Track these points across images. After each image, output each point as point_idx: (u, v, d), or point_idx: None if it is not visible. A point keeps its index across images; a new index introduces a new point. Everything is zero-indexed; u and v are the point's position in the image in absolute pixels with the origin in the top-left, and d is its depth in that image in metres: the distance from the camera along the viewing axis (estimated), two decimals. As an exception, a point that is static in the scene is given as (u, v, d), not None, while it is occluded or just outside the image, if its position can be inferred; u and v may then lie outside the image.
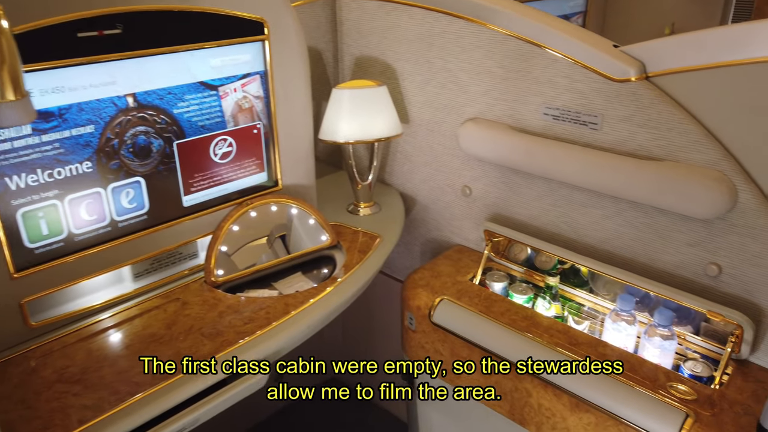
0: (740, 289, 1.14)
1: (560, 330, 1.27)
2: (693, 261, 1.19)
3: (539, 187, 1.41)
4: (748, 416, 1.03)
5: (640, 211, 1.25)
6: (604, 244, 1.33)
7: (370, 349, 2.12)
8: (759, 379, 1.12)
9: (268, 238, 1.39)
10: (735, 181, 1.08)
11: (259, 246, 1.38)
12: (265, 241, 1.39)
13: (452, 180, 1.60)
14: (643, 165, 1.18)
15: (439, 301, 1.39)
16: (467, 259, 1.57)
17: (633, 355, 1.19)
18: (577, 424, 1.18)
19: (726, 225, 1.12)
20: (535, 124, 1.36)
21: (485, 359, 1.31)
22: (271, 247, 1.39)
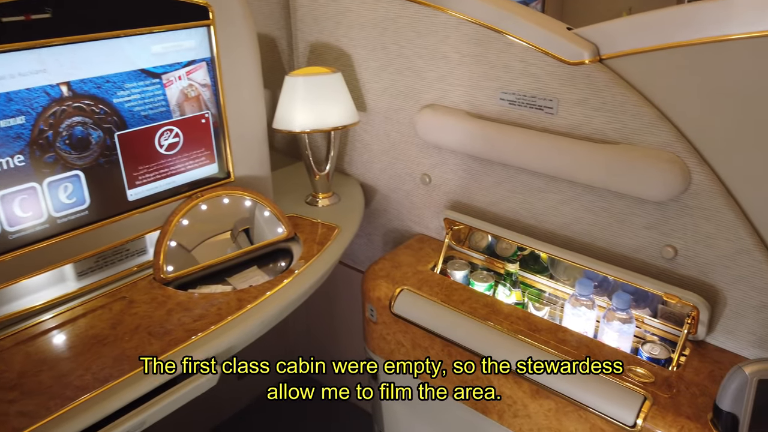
0: (695, 270, 1.15)
1: (520, 317, 1.26)
2: (649, 244, 1.19)
3: (498, 174, 1.39)
4: (704, 397, 1.04)
5: (596, 195, 1.24)
6: (563, 230, 1.32)
7: (335, 343, 2.09)
8: (715, 359, 1.13)
9: (223, 230, 1.35)
10: (688, 162, 1.08)
11: (211, 240, 1.33)
12: (216, 235, 1.34)
13: (411, 168, 1.57)
14: (599, 149, 1.17)
15: (399, 291, 1.37)
16: (428, 248, 1.55)
17: (592, 340, 1.19)
18: (539, 411, 1.17)
19: (680, 207, 1.12)
20: (492, 110, 1.34)
21: (445, 348, 1.29)
22: (226, 241, 1.35)
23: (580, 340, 1.18)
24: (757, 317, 1.10)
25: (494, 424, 1.27)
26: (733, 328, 1.14)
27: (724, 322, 1.14)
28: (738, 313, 1.12)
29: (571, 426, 1.12)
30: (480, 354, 1.22)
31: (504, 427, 1.25)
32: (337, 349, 2.09)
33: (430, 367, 1.35)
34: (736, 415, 0.94)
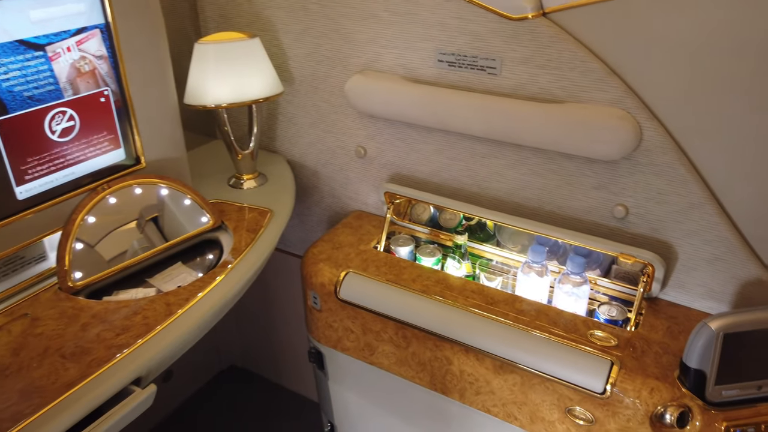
0: (647, 227, 1.13)
1: (474, 290, 1.20)
2: (600, 204, 1.17)
3: (438, 141, 1.31)
4: (668, 355, 1.03)
5: (544, 157, 1.19)
6: (511, 196, 1.27)
7: (271, 335, 1.96)
8: (670, 315, 1.13)
9: (137, 224, 1.17)
10: (638, 118, 1.05)
11: (126, 237, 1.15)
12: (132, 231, 1.17)
13: (344, 141, 1.45)
14: (546, 109, 1.12)
15: (344, 275, 1.27)
16: (368, 225, 1.45)
17: (550, 307, 1.16)
18: (502, 386, 1.13)
19: (631, 165, 1.10)
20: (430, 73, 1.25)
21: (400, 331, 1.21)
22: (141, 236, 1.18)
23: (538, 309, 1.14)
24: (708, 269, 1.10)
25: (455, 403, 1.22)
26: (684, 282, 1.14)
27: (676, 276, 1.14)
28: (689, 267, 1.12)
29: (537, 398, 1.09)
30: (438, 333, 1.16)
31: (466, 406, 1.21)
32: (274, 340, 1.97)
33: (383, 352, 1.27)
34: (703, 370, 0.94)
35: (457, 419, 1.25)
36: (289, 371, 2.01)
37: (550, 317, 1.12)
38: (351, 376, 1.39)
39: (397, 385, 1.30)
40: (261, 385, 2.08)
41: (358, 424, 1.48)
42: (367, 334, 1.27)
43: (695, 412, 0.96)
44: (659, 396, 0.97)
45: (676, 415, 0.95)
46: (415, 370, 1.24)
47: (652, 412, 0.97)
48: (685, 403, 0.96)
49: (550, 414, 1.09)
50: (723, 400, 0.96)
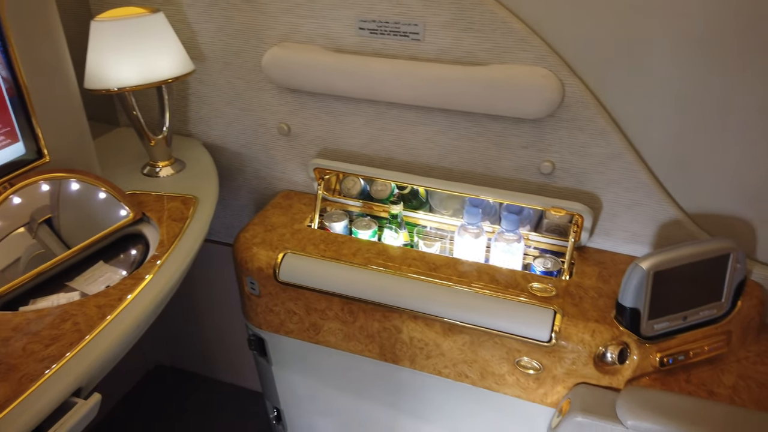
0: (573, 180, 1.19)
1: (416, 258, 1.21)
2: (528, 162, 1.21)
3: (365, 112, 1.29)
4: (603, 298, 1.10)
5: (473, 121, 1.21)
6: (442, 161, 1.28)
7: (200, 328, 1.88)
8: (599, 261, 1.21)
9: (45, 223, 1.07)
10: (560, 76, 1.09)
11: (35, 239, 1.05)
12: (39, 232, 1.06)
13: (265, 119, 1.39)
14: (472, 72, 1.13)
15: (282, 256, 1.23)
16: (299, 203, 1.41)
17: (489, 266, 1.19)
18: (452, 348, 1.15)
19: (555, 121, 1.14)
20: (352, 42, 1.22)
21: (345, 306, 1.20)
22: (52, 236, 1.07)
23: (478, 269, 1.17)
24: (629, 215, 1.18)
25: (406, 370, 1.24)
26: (608, 229, 1.21)
27: (602, 224, 1.21)
28: (613, 214, 1.19)
29: (487, 354, 1.13)
30: (385, 304, 1.16)
31: (417, 371, 1.22)
32: (204, 334, 1.89)
33: (330, 330, 1.25)
34: (638, 308, 1.01)
35: (408, 385, 1.26)
36: (224, 364, 1.94)
37: (490, 275, 1.15)
38: (296, 359, 1.36)
39: (345, 361, 1.29)
40: (194, 381, 1.99)
41: (307, 406, 1.46)
42: (312, 313, 1.25)
43: (632, 347, 1.04)
44: (600, 337, 1.03)
45: (616, 352, 1.02)
46: (364, 344, 1.24)
47: (594, 353, 1.04)
48: (623, 340, 1.03)
49: (499, 368, 1.13)
50: (655, 333, 1.04)
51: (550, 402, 1.12)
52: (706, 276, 1.03)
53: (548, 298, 1.10)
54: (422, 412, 1.30)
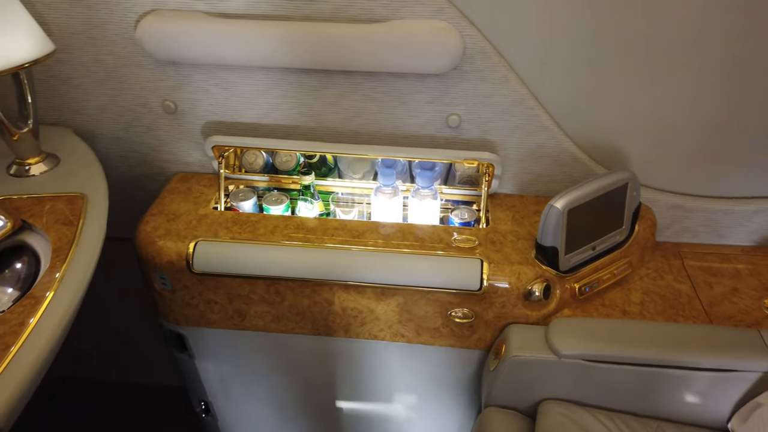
0: (479, 131, 1.21)
1: (336, 227, 1.18)
2: (435, 117, 1.21)
3: (260, 80, 1.21)
4: (521, 240, 1.15)
5: (376, 80, 1.18)
6: (348, 124, 1.25)
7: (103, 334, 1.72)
8: (510, 205, 1.26)
9: None
10: (459, 28, 1.09)
11: None
12: None
13: (145, 97, 1.26)
14: (370, 30, 1.09)
15: (194, 246, 1.14)
16: (198, 186, 1.31)
17: (410, 225, 1.19)
18: (386, 311, 1.16)
19: (458, 74, 1.15)
20: (237, 5, 1.12)
21: (272, 287, 1.15)
22: None
23: (400, 229, 1.17)
24: (532, 158, 1.23)
25: (341, 340, 1.23)
26: (515, 173, 1.26)
27: (508, 169, 1.26)
28: (517, 159, 1.24)
29: (421, 311, 1.15)
30: (313, 279, 1.12)
31: (352, 339, 1.22)
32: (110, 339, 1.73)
33: (257, 314, 1.20)
34: (555, 246, 1.07)
35: (344, 354, 1.26)
36: (137, 365, 1.81)
37: (414, 234, 1.16)
38: (222, 349, 1.30)
39: (276, 342, 1.25)
40: (103, 389, 1.84)
41: (237, 394, 1.41)
42: (235, 300, 1.19)
43: (554, 282, 1.10)
44: (525, 277, 1.09)
45: (541, 289, 1.08)
46: (295, 322, 1.20)
47: (522, 293, 1.09)
48: (546, 277, 1.09)
49: (434, 322, 1.16)
50: (572, 266, 1.12)
51: (484, 346, 1.17)
52: (609, 207, 1.12)
53: (472, 248, 1.13)
54: (360, 377, 1.30)
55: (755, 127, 1.15)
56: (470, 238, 1.15)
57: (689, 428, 1.04)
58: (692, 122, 1.16)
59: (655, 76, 1.11)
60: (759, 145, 1.17)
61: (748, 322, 1.11)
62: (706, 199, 1.25)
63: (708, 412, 1.03)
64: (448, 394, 1.30)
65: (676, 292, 1.18)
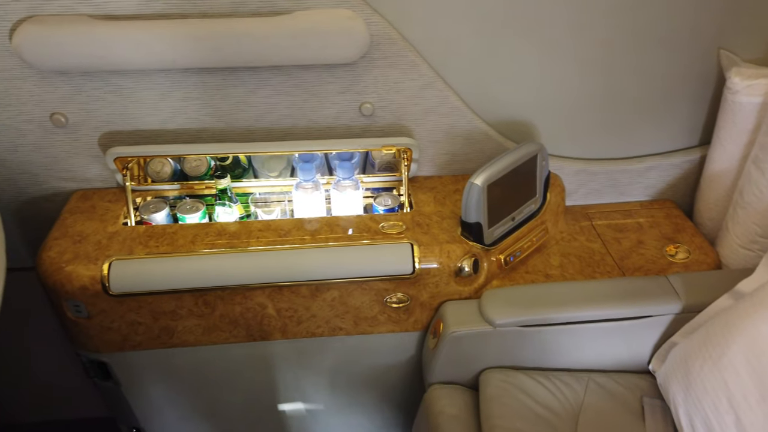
0: (393, 117, 1.22)
1: (261, 228, 1.15)
2: (349, 107, 1.20)
3: (159, 84, 1.14)
4: (446, 220, 1.18)
5: (285, 74, 1.15)
6: (260, 122, 1.21)
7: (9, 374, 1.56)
8: (430, 187, 1.28)
9: None
10: (363, 16, 1.08)
11: None
12: None
13: (30, 112, 1.15)
14: (274, 23, 1.06)
15: (108, 267, 1.06)
16: (102, 202, 1.22)
17: (335, 217, 1.19)
18: (322, 306, 1.15)
19: (367, 62, 1.14)
20: (126, 6, 1.05)
21: (200, 299, 1.10)
22: None
23: (327, 223, 1.16)
24: (446, 139, 1.26)
25: (278, 342, 1.20)
26: (431, 155, 1.29)
27: (425, 152, 1.28)
28: (433, 141, 1.26)
29: (357, 302, 1.15)
30: (244, 285, 1.09)
31: (291, 340, 1.20)
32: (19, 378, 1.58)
33: (186, 329, 1.14)
34: (479, 222, 1.11)
35: (283, 356, 1.24)
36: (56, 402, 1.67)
37: (341, 226, 1.15)
38: (151, 371, 1.23)
39: (210, 355, 1.21)
40: None
41: (172, 416, 1.34)
42: (160, 318, 1.12)
43: (481, 256, 1.14)
44: (454, 255, 1.12)
45: (470, 264, 1.12)
46: (228, 331, 1.16)
47: (453, 271, 1.12)
48: (473, 252, 1.13)
49: (371, 311, 1.16)
50: (495, 238, 1.17)
51: (422, 327, 1.20)
52: (522, 178, 1.17)
53: (400, 234, 1.14)
54: (303, 376, 1.29)
55: (639, 93, 1.25)
56: (397, 224, 1.16)
57: (617, 375, 1.12)
58: (587, 93, 1.24)
59: (551, 53, 1.17)
60: (644, 109, 1.27)
61: (655, 270, 1.22)
62: (606, 162, 1.34)
63: (632, 357, 1.12)
64: (392, 379, 1.31)
65: (590, 251, 1.26)
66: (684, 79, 1.24)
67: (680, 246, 1.28)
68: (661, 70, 1.22)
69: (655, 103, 1.27)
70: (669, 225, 1.34)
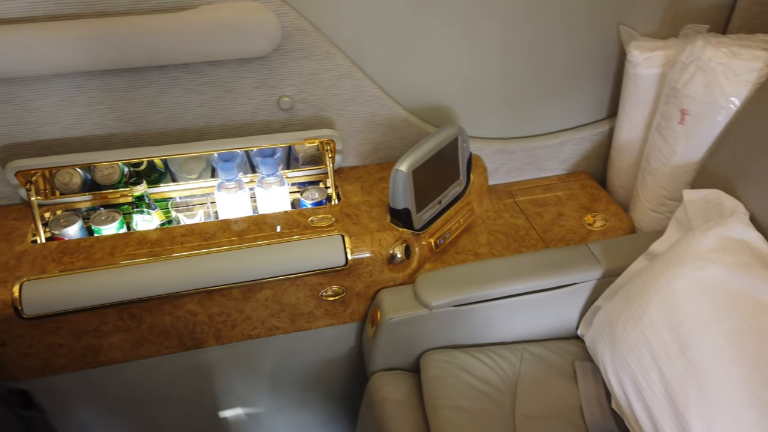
0: (313, 108, 1.21)
1: (184, 233, 1.10)
2: (266, 102, 1.17)
3: (60, 90, 1.07)
4: (374, 209, 1.18)
5: (195, 72, 1.11)
6: (173, 123, 1.16)
7: None
8: (356, 177, 1.28)
9: None
10: (272, 7, 1.06)
11: None
12: None
13: None
14: (178, 19, 1.01)
15: (19, 288, 0.99)
16: (6, 220, 1.13)
17: (262, 215, 1.16)
18: (256, 307, 1.12)
19: (281, 54, 1.12)
20: (12, 8, 0.97)
21: (124, 313, 1.05)
22: None
23: (254, 222, 1.14)
24: (368, 128, 1.26)
25: (214, 349, 1.17)
26: (355, 145, 1.28)
27: (348, 143, 1.27)
28: (355, 131, 1.26)
29: (292, 299, 1.13)
30: (172, 293, 1.05)
31: (226, 345, 1.16)
32: None
33: (113, 345, 1.09)
34: (407, 207, 1.12)
35: (220, 362, 1.20)
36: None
37: (269, 224, 1.13)
38: (78, 394, 1.16)
39: (141, 370, 1.15)
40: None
41: (107, 436, 1.28)
42: (83, 337, 1.06)
43: (412, 241, 1.16)
44: (386, 242, 1.12)
45: (402, 250, 1.13)
46: (159, 343, 1.11)
47: (385, 258, 1.13)
48: (404, 238, 1.14)
49: (307, 307, 1.15)
50: (424, 223, 1.18)
51: (360, 317, 1.20)
52: (445, 161, 1.19)
53: (330, 226, 1.13)
54: (242, 381, 1.26)
55: (547, 71, 1.30)
56: (326, 217, 1.15)
57: (549, 343, 1.17)
58: (498, 74, 1.27)
59: (459, 36, 1.19)
60: (554, 86, 1.32)
61: (576, 239, 1.27)
62: (524, 139, 1.39)
63: (561, 324, 1.17)
64: (334, 372, 1.31)
65: (514, 227, 1.30)
66: (588, 56, 1.30)
67: (597, 214, 1.34)
68: (566, 48, 1.27)
69: (564, 79, 1.32)
70: (585, 196, 1.41)
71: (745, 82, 1.07)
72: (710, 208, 1.05)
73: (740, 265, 0.89)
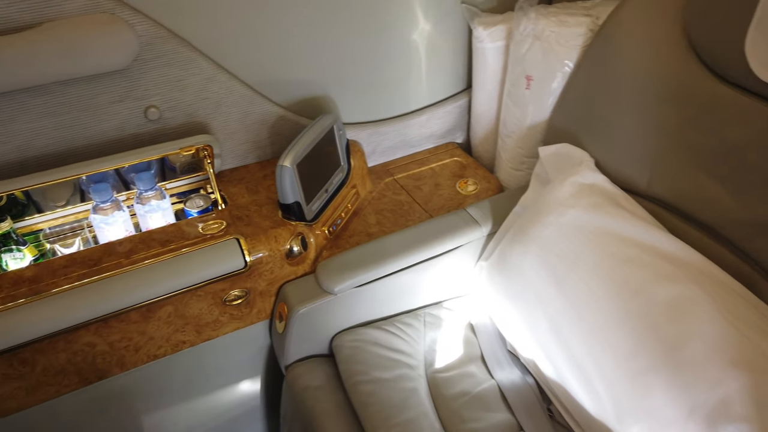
0: (184, 116, 1.18)
1: (65, 264, 1.04)
2: (131, 115, 1.13)
3: None
4: (264, 206, 1.19)
5: (46, 94, 1.03)
6: (27, 151, 1.07)
7: None
8: (239, 178, 1.27)
9: None
10: (124, 17, 1.02)
11: None
12: None
13: None
14: (19, 40, 0.94)
15: None
16: None
17: (148, 232, 1.12)
18: (159, 326, 1.09)
19: (141, 64, 1.08)
20: None
21: (14, 360, 0.98)
22: None
23: (141, 240, 1.10)
24: (243, 128, 1.26)
25: (119, 377, 1.12)
26: (232, 147, 1.28)
27: (224, 145, 1.26)
28: (230, 133, 1.25)
29: (195, 310, 1.11)
30: (63, 329, 0.99)
31: (131, 370, 1.12)
32: None
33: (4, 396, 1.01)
34: (297, 200, 1.14)
35: (129, 389, 1.15)
36: None
37: (157, 240, 1.10)
38: (-30, 458, 1.06)
39: (41, 415, 1.08)
40: None
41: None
42: (-32, 396, 0.97)
43: (307, 232, 1.19)
44: (281, 238, 1.14)
45: (299, 243, 1.16)
46: (57, 383, 1.05)
47: (283, 254, 1.15)
48: (299, 231, 1.17)
49: (211, 315, 1.14)
50: (315, 213, 1.21)
51: (266, 315, 1.21)
52: (326, 151, 1.23)
53: (222, 231, 1.13)
54: (156, 403, 1.22)
55: (405, 52, 1.38)
56: (216, 222, 1.14)
57: (447, 302, 1.26)
58: (358, 58, 1.33)
59: (313, 23, 1.22)
60: (413, 65, 1.41)
61: (454, 205, 1.38)
62: (393, 120, 1.46)
63: (456, 284, 1.27)
64: (250, 375, 1.31)
65: (398, 203, 1.38)
66: (440, 35, 1.40)
67: (468, 180, 1.46)
68: (419, 29, 1.36)
69: (421, 58, 1.41)
70: (455, 164, 1.52)
71: (574, 46, 1.22)
72: (562, 161, 1.20)
73: (594, 206, 1.04)
